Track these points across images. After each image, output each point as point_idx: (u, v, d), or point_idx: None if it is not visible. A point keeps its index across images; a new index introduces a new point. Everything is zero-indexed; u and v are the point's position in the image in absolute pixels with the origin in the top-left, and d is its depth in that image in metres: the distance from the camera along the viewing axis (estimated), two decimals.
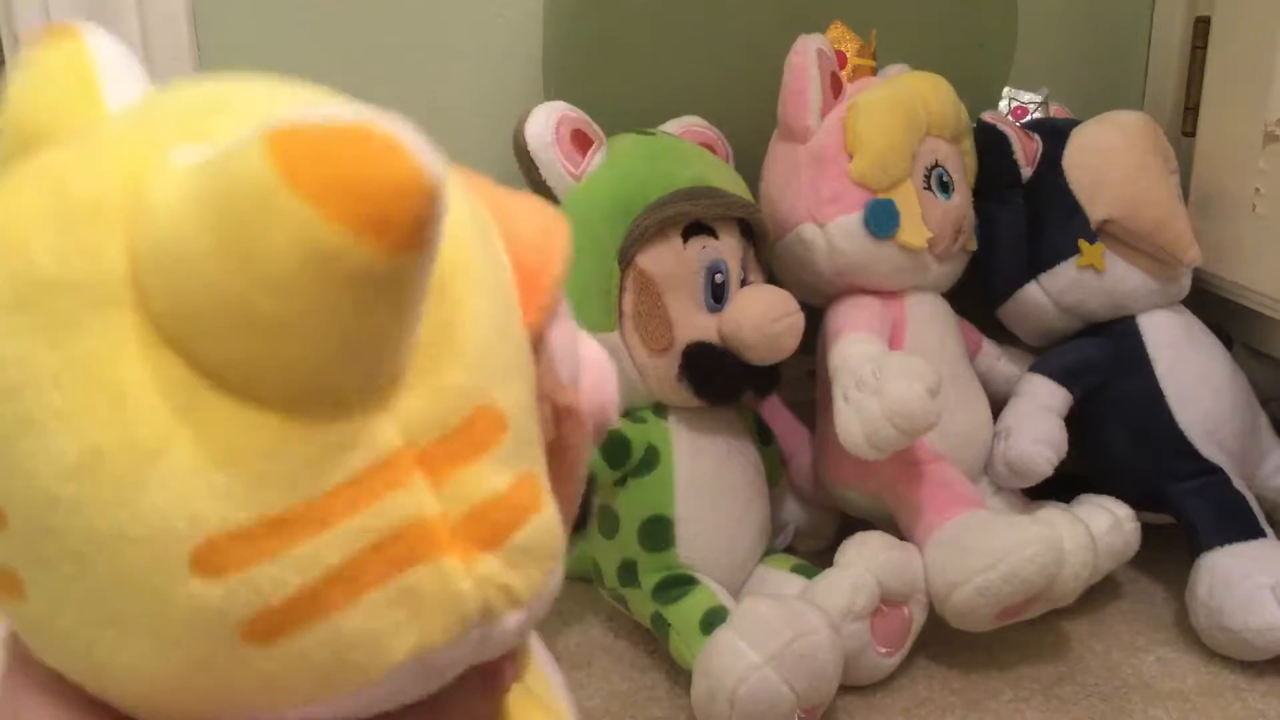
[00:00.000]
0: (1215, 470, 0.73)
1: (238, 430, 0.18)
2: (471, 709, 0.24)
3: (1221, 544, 0.69)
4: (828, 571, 0.65)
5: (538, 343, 0.23)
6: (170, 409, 0.18)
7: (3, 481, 0.19)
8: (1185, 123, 0.86)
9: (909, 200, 0.72)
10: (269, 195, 0.16)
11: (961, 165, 0.77)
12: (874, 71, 0.78)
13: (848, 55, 0.77)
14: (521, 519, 0.21)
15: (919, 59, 0.79)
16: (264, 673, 0.19)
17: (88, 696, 0.21)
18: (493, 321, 0.21)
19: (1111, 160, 0.76)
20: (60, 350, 0.18)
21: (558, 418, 0.24)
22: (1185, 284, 0.79)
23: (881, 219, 0.71)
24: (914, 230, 0.72)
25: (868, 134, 0.71)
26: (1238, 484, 0.73)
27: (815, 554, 0.77)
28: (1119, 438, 0.76)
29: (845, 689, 0.63)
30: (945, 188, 0.74)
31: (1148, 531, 0.72)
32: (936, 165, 0.74)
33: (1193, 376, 0.76)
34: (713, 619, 0.62)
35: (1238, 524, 0.70)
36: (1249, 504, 0.72)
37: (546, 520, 0.22)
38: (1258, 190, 0.76)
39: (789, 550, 0.76)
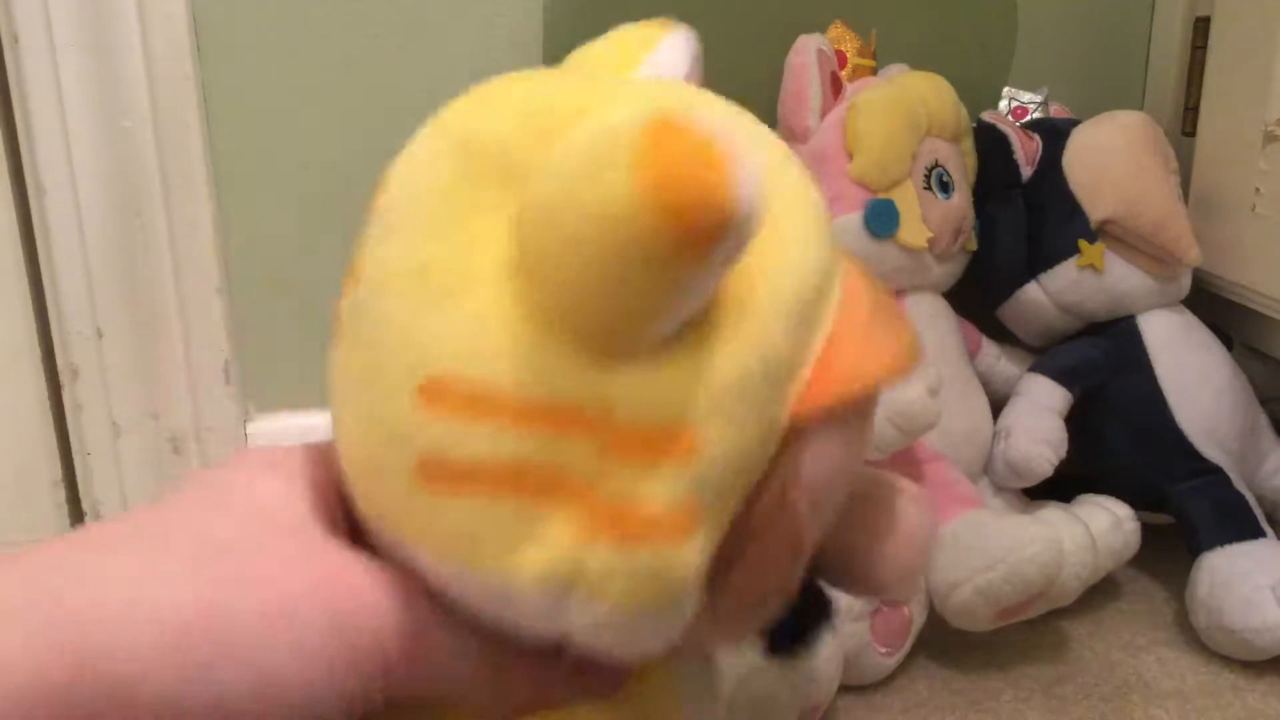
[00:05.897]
0: (1215, 470, 0.73)
1: (519, 324, 0.22)
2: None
3: (1221, 544, 0.69)
4: None
5: (791, 436, 0.23)
6: (493, 290, 0.22)
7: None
8: (1185, 123, 0.86)
9: (909, 200, 0.72)
10: (612, 165, 0.19)
11: (961, 165, 0.77)
12: (874, 71, 0.78)
13: (848, 55, 0.77)
14: (647, 539, 0.22)
15: (919, 59, 0.79)
16: (416, 507, 0.23)
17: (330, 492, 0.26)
18: (744, 377, 0.22)
19: (1111, 160, 0.76)
20: (456, 248, 0.23)
21: (774, 512, 0.24)
22: (1185, 284, 0.79)
23: (881, 219, 0.71)
24: (914, 230, 0.72)
25: (867, 134, 0.71)
26: (1238, 484, 0.73)
27: None
28: (1119, 438, 0.76)
29: (845, 689, 0.63)
30: (945, 188, 0.74)
31: (1148, 531, 0.72)
32: (936, 165, 0.74)
33: (1193, 376, 0.76)
34: None
35: (1238, 524, 0.70)
36: (1249, 504, 0.72)
37: (676, 558, 0.22)
38: (1258, 190, 0.76)
39: None
